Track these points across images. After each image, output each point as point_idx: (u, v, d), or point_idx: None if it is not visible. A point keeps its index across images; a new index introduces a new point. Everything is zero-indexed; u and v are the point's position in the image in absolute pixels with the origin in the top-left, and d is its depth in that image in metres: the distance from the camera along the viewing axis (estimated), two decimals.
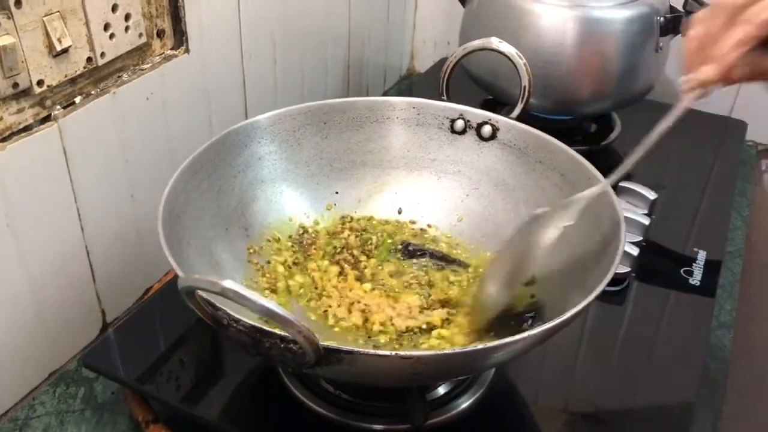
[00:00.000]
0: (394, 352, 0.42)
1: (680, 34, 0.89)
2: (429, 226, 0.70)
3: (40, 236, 0.62)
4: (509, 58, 0.67)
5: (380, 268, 0.66)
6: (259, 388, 0.62)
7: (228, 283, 0.38)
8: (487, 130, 0.69)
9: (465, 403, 0.59)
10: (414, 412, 0.55)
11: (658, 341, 0.69)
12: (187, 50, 0.73)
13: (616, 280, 0.73)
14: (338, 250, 0.66)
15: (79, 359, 0.68)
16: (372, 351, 0.42)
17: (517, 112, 0.68)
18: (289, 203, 0.68)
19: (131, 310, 0.73)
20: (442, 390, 0.60)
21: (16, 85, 0.56)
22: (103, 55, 0.63)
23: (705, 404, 0.66)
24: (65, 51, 0.59)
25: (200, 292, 0.43)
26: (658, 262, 0.78)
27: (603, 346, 0.69)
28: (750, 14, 0.47)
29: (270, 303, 0.38)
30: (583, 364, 0.67)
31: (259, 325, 0.43)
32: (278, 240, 0.66)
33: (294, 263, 0.65)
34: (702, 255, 0.78)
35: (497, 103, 0.93)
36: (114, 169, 0.68)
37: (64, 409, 0.64)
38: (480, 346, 0.43)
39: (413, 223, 0.70)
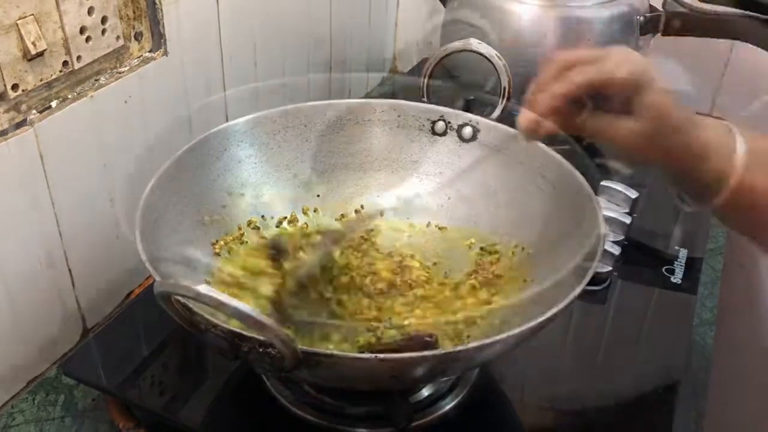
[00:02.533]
0: (373, 355, 0.41)
1: (659, 33, 0.90)
2: (412, 225, 0.70)
3: (18, 241, 0.62)
4: (489, 60, 0.67)
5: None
6: (241, 393, 0.62)
7: (203, 288, 0.37)
8: (467, 131, 0.69)
9: (449, 404, 0.59)
10: (397, 415, 0.55)
11: (641, 339, 0.69)
12: (165, 52, 0.72)
13: (598, 279, 0.73)
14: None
15: (59, 366, 0.67)
16: (351, 354, 0.42)
17: (497, 112, 0.68)
18: (269, 207, 0.68)
19: (112, 316, 0.73)
20: (426, 392, 0.60)
21: None
22: (79, 58, 0.63)
23: (688, 402, 0.67)
24: (40, 55, 0.58)
25: (178, 299, 0.43)
26: (639, 261, 0.78)
27: (586, 344, 0.69)
28: (573, 73, 0.49)
29: (246, 307, 0.38)
30: (567, 363, 0.67)
31: (237, 330, 0.42)
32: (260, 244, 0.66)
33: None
34: (683, 253, 0.79)
35: (480, 104, 0.93)
36: (92, 173, 0.68)
37: (43, 417, 0.64)
38: (460, 347, 0.43)
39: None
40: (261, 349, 0.42)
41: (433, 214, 0.69)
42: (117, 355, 0.64)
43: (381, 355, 0.41)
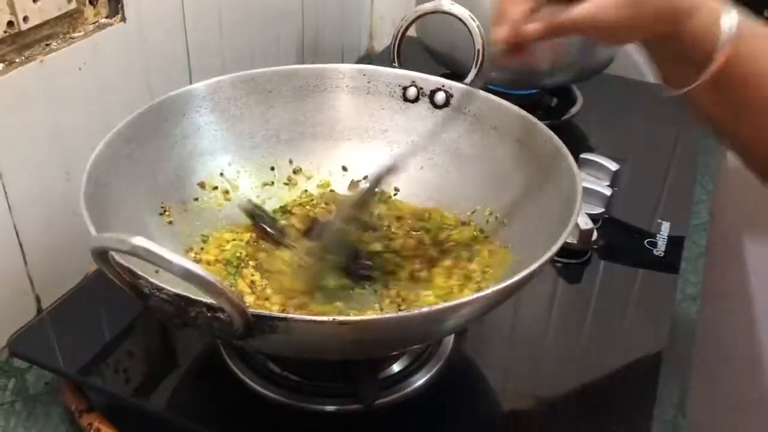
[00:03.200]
0: (331, 318, 0.38)
1: None
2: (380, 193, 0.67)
3: None
4: (462, 21, 0.64)
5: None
6: (205, 375, 0.58)
7: (139, 240, 0.34)
8: (440, 97, 0.66)
9: (420, 380, 0.56)
10: (364, 390, 0.52)
11: (622, 313, 0.66)
12: (123, 19, 0.69)
13: (579, 252, 0.71)
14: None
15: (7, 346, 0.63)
16: (307, 317, 0.39)
17: (471, 77, 0.65)
18: (231, 177, 0.64)
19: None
20: (396, 367, 0.57)
21: None
22: (26, 19, 0.59)
23: (671, 378, 0.64)
24: None
25: (119, 260, 0.40)
26: (621, 234, 0.76)
27: (566, 319, 0.66)
28: None
29: (189, 263, 0.35)
30: (546, 339, 0.64)
31: (183, 293, 0.39)
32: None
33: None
34: (666, 226, 0.76)
35: (455, 76, 0.90)
36: (45, 143, 0.64)
37: None
38: (424, 309, 0.40)
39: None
40: (210, 314, 0.39)
41: (404, 183, 0.66)
42: (69, 334, 0.60)
43: (339, 318, 0.38)
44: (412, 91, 0.67)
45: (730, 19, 0.48)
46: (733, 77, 0.48)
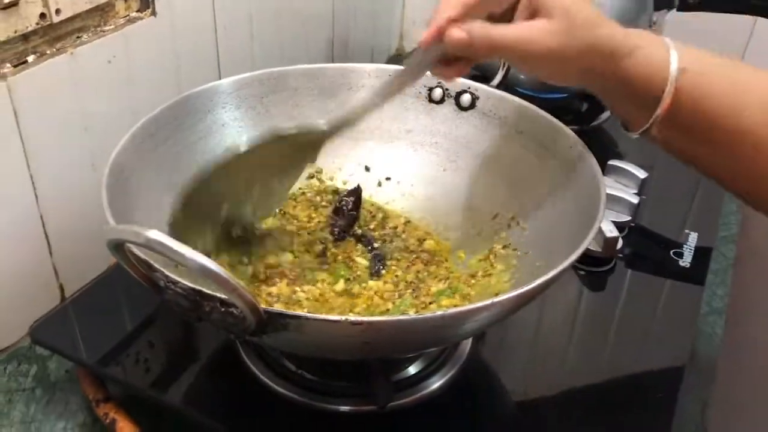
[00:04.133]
0: (343, 317, 0.38)
1: (675, 9, 0.86)
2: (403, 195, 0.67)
3: None
4: None
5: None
6: (221, 371, 0.58)
7: (154, 234, 0.34)
8: (466, 98, 0.65)
9: (436, 383, 0.56)
10: (378, 392, 0.52)
11: (645, 324, 0.65)
12: (153, 13, 0.69)
13: (604, 259, 0.69)
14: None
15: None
16: (319, 316, 0.39)
17: (497, 79, 0.65)
18: None
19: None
20: (412, 369, 0.57)
21: None
22: (58, 12, 0.60)
23: (693, 392, 0.63)
24: (14, 4, 0.56)
25: (134, 251, 0.40)
26: (646, 243, 0.74)
27: (588, 327, 0.65)
28: None
29: (203, 258, 0.35)
30: (565, 347, 0.63)
31: (198, 287, 0.39)
32: None
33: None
34: (693, 237, 0.74)
35: (482, 78, 0.89)
36: (73, 135, 0.65)
37: (14, 387, 0.61)
38: (438, 312, 0.39)
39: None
40: (224, 309, 0.39)
41: (426, 185, 0.66)
42: (91, 323, 0.61)
43: (352, 317, 0.38)
44: (437, 93, 0.66)
45: (674, 57, 0.46)
46: (686, 115, 0.46)
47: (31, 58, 0.59)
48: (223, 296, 0.38)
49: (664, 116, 0.47)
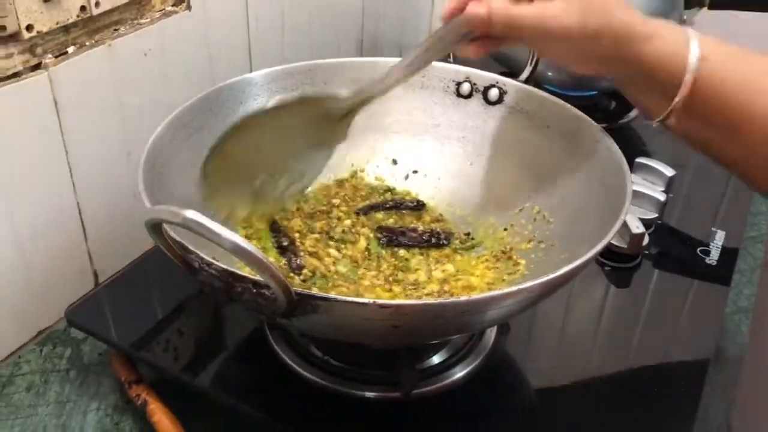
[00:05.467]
0: (372, 300, 0.39)
1: (705, 7, 0.85)
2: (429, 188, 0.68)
3: (28, 188, 0.61)
4: None
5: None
6: (249, 355, 0.60)
7: (191, 214, 0.35)
8: (494, 93, 0.66)
9: (460, 372, 0.57)
10: (403, 379, 0.53)
11: (670, 321, 0.65)
12: (188, 7, 0.71)
13: (629, 256, 0.70)
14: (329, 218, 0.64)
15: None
16: (349, 298, 0.40)
17: (526, 74, 0.65)
18: None
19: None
20: (436, 359, 0.57)
21: (3, 28, 0.55)
22: (97, 4, 0.62)
23: (717, 390, 0.63)
24: None
25: (170, 233, 0.41)
26: (673, 240, 0.74)
27: (612, 323, 0.65)
28: None
29: (238, 238, 0.36)
30: (589, 341, 0.64)
31: (231, 269, 0.40)
32: None
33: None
34: (721, 235, 0.74)
35: (510, 74, 0.90)
36: (109, 125, 0.67)
37: (49, 368, 0.63)
38: (464, 297, 0.40)
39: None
40: (255, 290, 0.40)
41: (452, 178, 0.66)
42: (123, 308, 0.63)
43: (380, 301, 0.39)
44: (465, 87, 0.67)
45: (695, 45, 0.46)
46: (704, 102, 0.47)
47: (71, 50, 0.61)
48: (255, 278, 0.40)
49: (683, 104, 0.47)
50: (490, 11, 0.47)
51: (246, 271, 0.40)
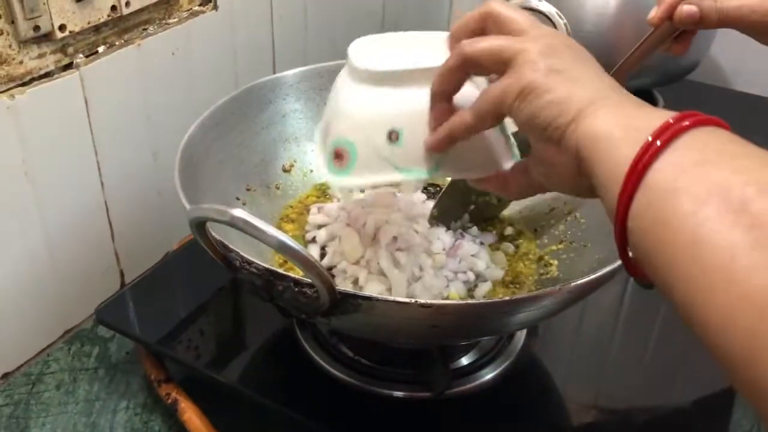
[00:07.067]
0: (413, 300, 0.39)
1: None
2: None
3: (59, 187, 0.61)
4: (549, 18, 0.64)
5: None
6: (278, 353, 0.60)
7: (238, 212, 0.35)
8: None
9: (488, 374, 0.57)
10: (435, 380, 0.53)
11: None
12: (215, 7, 0.71)
13: None
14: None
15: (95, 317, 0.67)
16: (390, 297, 0.40)
17: None
18: (313, 163, 0.66)
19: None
20: (465, 360, 0.57)
21: (37, 28, 0.55)
22: (128, 4, 0.62)
23: (747, 405, 0.62)
24: None
25: (213, 234, 0.41)
26: None
27: (637, 326, 0.65)
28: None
29: (284, 236, 0.36)
30: (616, 345, 0.63)
31: (273, 268, 0.40)
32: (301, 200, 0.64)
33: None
34: None
35: None
36: (136, 124, 0.67)
37: (77, 367, 0.63)
38: (505, 297, 0.40)
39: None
40: (297, 289, 0.40)
41: None
42: (152, 307, 0.63)
43: (422, 301, 0.39)
44: None
45: None
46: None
47: (101, 49, 0.61)
48: (297, 277, 0.40)
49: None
50: (702, 10, 0.49)
51: (287, 271, 0.40)
